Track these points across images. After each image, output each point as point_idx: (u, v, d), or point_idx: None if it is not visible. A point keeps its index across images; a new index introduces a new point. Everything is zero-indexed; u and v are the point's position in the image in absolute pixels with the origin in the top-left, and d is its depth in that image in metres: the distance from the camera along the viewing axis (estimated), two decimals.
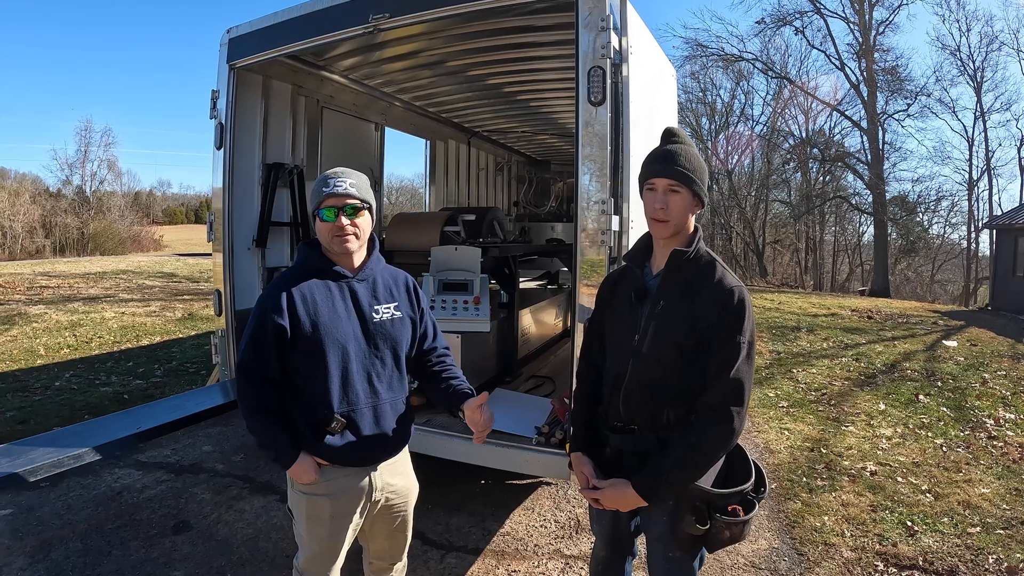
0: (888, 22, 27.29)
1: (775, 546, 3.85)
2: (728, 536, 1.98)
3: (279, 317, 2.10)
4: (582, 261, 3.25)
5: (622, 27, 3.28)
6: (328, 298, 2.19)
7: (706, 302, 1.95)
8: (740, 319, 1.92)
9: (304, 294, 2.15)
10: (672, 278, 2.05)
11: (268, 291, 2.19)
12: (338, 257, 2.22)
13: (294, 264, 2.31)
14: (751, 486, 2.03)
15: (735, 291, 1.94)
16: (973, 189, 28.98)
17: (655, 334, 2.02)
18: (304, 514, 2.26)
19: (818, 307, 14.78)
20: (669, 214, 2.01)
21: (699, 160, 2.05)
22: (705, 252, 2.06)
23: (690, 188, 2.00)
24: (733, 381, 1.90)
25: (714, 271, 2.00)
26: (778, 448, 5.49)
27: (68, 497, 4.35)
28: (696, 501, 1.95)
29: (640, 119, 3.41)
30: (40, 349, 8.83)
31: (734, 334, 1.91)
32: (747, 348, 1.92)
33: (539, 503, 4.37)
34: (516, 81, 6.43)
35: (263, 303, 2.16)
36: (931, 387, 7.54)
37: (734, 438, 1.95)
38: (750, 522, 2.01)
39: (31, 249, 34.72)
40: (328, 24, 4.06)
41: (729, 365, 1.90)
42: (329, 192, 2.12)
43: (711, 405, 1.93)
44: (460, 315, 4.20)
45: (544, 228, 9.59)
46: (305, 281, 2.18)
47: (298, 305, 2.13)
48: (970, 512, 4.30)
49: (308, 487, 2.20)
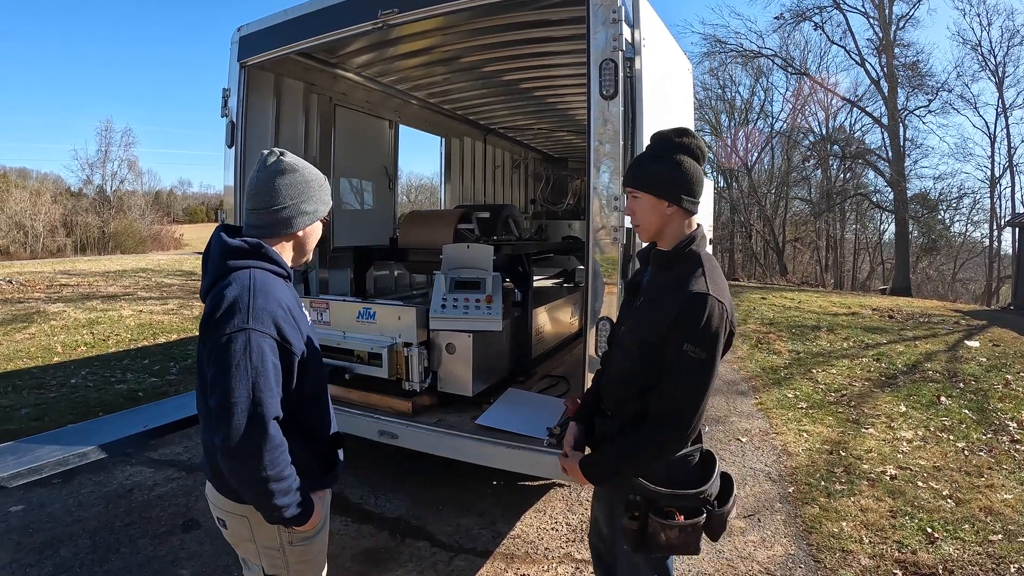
0: (908, 17, 26.91)
1: (791, 552, 3.78)
2: (664, 539, 1.93)
3: (286, 340, 1.84)
4: (594, 258, 3.19)
5: (634, 19, 3.21)
6: (297, 304, 2.01)
7: (667, 304, 1.93)
8: (693, 328, 1.85)
9: (288, 303, 1.91)
10: (655, 277, 2.11)
11: (253, 309, 1.78)
12: (298, 258, 2.09)
13: (255, 267, 1.88)
14: (698, 492, 1.98)
15: (695, 298, 1.88)
16: (995, 186, 28.50)
17: (630, 328, 2.10)
18: (302, 561, 2.05)
19: (838, 306, 14.58)
20: (637, 219, 2.10)
21: (664, 162, 2.01)
22: (691, 254, 2.03)
23: (649, 193, 2.03)
24: (674, 392, 1.90)
25: (688, 275, 1.95)
26: (796, 451, 5.39)
27: (79, 494, 4.36)
28: (632, 495, 1.98)
29: (654, 113, 3.34)
30: (57, 347, 8.90)
31: (683, 342, 1.86)
32: (697, 360, 1.85)
33: (551, 505, 4.32)
34: (532, 77, 6.37)
35: (256, 326, 1.77)
36: (953, 388, 7.39)
37: (669, 446, 1.96)
38: (693, 531, 1.95)
39: (52, 248, 35.12)
40: (338, 20, 4.02)
41: (672, 375, 1.89)
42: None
43: (651, 410, 1.94)
44: (472, 314, 4.14)
45: (561, 226, 9.56)
46: (278, 287, 1.90)
47: (295, 319, 1.91)
48: (992, 519, 4.19)
49: (313, 528, 1.98)
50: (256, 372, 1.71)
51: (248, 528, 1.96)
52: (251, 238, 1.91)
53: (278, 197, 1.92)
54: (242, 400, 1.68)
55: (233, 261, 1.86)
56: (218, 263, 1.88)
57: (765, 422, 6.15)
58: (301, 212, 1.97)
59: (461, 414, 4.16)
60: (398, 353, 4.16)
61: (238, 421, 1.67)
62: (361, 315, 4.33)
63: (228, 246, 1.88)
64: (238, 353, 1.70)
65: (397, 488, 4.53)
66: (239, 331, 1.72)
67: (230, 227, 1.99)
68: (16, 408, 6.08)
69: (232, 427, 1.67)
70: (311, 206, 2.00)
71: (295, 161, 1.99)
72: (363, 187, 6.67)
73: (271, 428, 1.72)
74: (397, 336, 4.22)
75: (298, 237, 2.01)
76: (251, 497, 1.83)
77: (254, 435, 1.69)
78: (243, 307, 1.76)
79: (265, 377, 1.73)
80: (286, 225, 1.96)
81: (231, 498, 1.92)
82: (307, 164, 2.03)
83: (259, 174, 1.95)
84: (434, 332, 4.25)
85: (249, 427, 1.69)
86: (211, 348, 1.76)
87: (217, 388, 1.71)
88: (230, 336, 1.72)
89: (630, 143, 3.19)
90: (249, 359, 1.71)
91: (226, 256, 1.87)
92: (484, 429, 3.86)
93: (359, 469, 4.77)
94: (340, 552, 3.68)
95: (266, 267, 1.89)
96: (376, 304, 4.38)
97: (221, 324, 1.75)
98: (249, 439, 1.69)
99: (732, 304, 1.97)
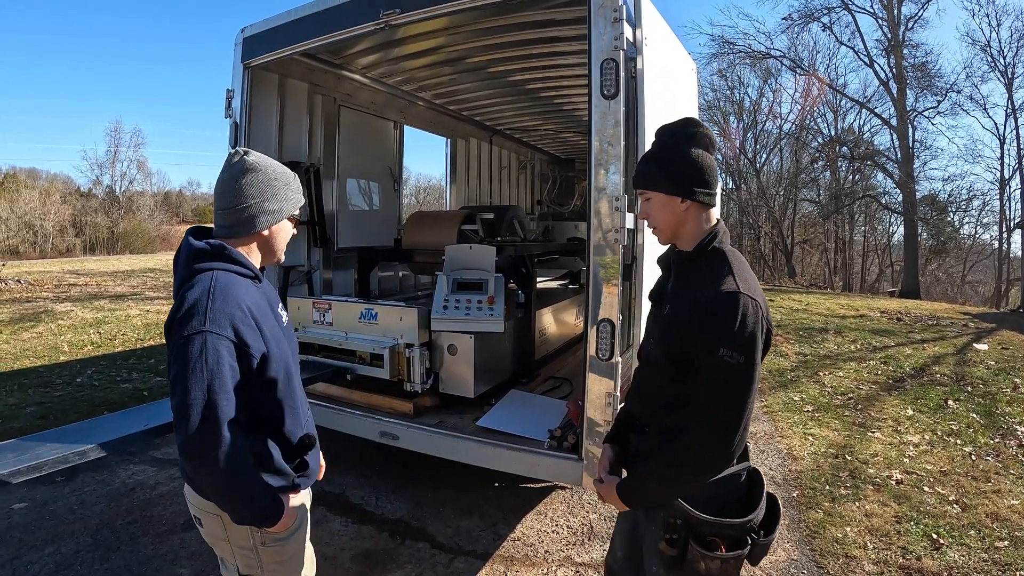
0: (917, 17, 26.65)
1: (794, 558, 3.74)
2: (704, 569, 1.79)
3: (244, 343, 1.81)
4: (595, 259, 3.16)
5: (636, 18, 3.20)
6: (266, 304, 1.99)
7: (694, 308, 1.80)
8: (727, 331, 1.70)
9: (251, 305, 1.87)
10: (680, 282, 1.97)
11: (211, 312, 1.75)
12: (267, 258, 2.05)
13: (218, 269, 1.87)
14: (744, 522, 1.82)
15: (726, 297, 1.74)
16: (1005, 188, 28.21)
17: (658, 339, 1.95)
18: (276, 562, 2.03)
19: (847, 308, 14.50)
20: (652, 221, 1.98)
21: (672, 156, 1.91)
22: (715, 251, 1.89)
23: (659, 191, 1.93)
24: (712, 402, 1.75)
25: (715, 274, 1.82)
26: (801, 454, 5.35)
27: (82, 492, 4.38)
28: (673, 519, 1.83)
29: (656, 113, 3.31)
30: (64, 346, 8.95)
31: (716, 348, 1.70)
32: (735, 365, 1.70)
33: (552, 508, 4.30)
34: (538, 77, 6.35)
35: (213, 329, 1.75)
36: (961, 392, 7.32)
37: (713, 463, 1.80)
38: (735, 562, 1.81)
39: (61, 248, 35.28)
40: (340, 21, 4.02)
41: (710, 384, 1.75)
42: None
43: (690, 424, 1.78)
44: (473, 315, 4.13)
45: (567, 227, 9.54)
46: (241, 288, 1.88)
47: (257, 321, 1.87)
48: (998, 525, 4.14)
49: (286, 530, 1.99)
50: (211, 374, 1.70)
51: (222, 527, 1.96)
52: (215, 240, 1.90)
53: (240, 196, 1.89)
54: (197, 402, 1.68)
55: (197, 264, 1.86)
56: (184, 265, 1.89)
57: (770, 425, 6.12)
58: (264, 211, 1.93)
59: (462, 415, 4.15)
60: (400, 354, 4.15)
61: (193, 422, 1.67)
62: (363, 316, 4.33)
63: (193, 248, 1.88)
64: (194, 355, 1.70)
65: (398, 489, 4.52)
66: (196, 333, 1.71)
67: (200, 229, 1.99)
68: (22, 406, 6.11)
69: (188, 428, 1.68)
70: (275, 204, 1.96)
71: (259, 159, 1.95)
72: (367, 188, 6.67)
73: (224, 430, 1.71)
74: (399, 337, 4.21)
75: (263, 236, 1.98)
76: (214, 497, 1.86)
77: (209, 437, 1.69)
78: (201, 310, 1.74)
79: (220, 379, 1.71)
80: (250, 224, 1.93)
81: (206, 497, 1.92)
82: (272, 162, 1.99)
83: (223, 174, 1.93)
84: (436, 333, 4.25)
85: (203, 428, 1.68)
86: (171, 349, 1.76)
87: (176, 389, 1.70)
88: (187, 338, 1.71)
89: (632, 143, 3.17)
90: (205, 361, 1.70)
91: (191, 259, 1.87)
92: (485, 431, 3.85)
93: (360, 470, 4.77)
94: (340, 553, 3.68)
95: (229, 268, 1.87)
96: (378, 305, 4.38)
97: (180, 326, 1.74)
98: (204, 440, 1.69)
99: (766, 301, 1.81)
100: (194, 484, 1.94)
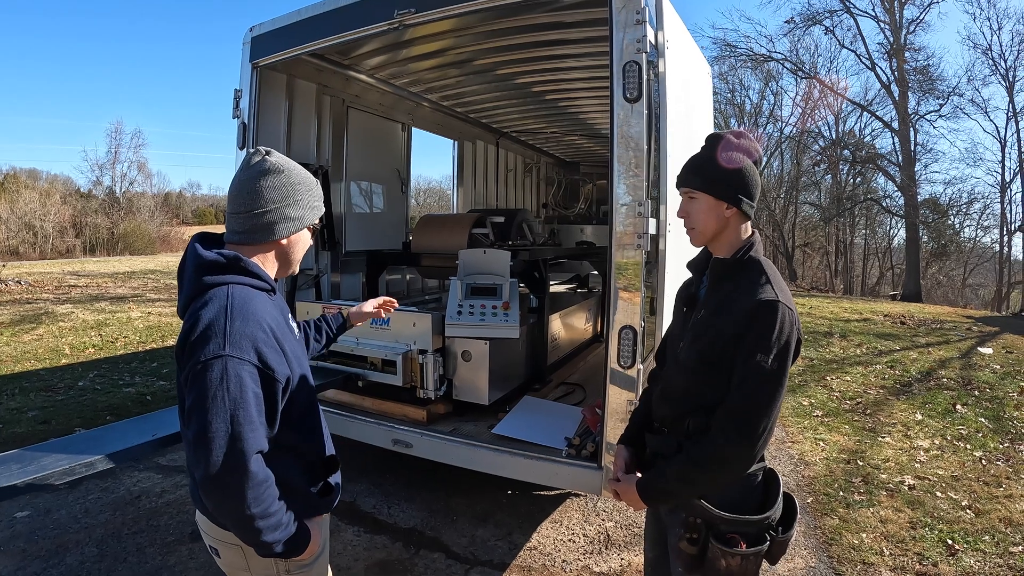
0: (919, 21, 26.71)
1: (812, 565, 3.70)
2: (724, 567, 1.83)
3: (268, 367, 1.66)
4: (616, 264, 3.11)
5: (658, 21, 3.15)
6: (283, 320, 1.85)
7: (734, 315, 1.84)
8: (764, 337, 1.76)
9: (272, 323, 1.72)
10: (715, 288, 1.98)
11: (231, 334, 1.60)
12: (282, 270, 1.92)
13: (234, 283, 1.71)
14: (763, 519, 1.87)
15: (766, 306, 1.79)
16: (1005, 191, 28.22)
17: (690, 343, 1.96)
18: None
19: (850, 312, 14.48)
20: (692, 222, 2.00)
21: (728, 162, 1.93)
22: (752, 261, 1.94)
23: (708, 193, 1.94)
24: (743, 404, 1.79)
25: (754, 283, 1.87)
26: (813, 460, 5.30)
27: (86, 500, 4.31)
28: (693, 517, 1.89)
29: (677, 117, 3.28)
30: (65, 348, 8.87)
31: (755, 352, 1.76)
32: (769, 371, 1.76)
33: (568, 516, 4.24)
34: (545, 80, 6.31)
35: (234, 353, 1.59)
36: (968, 396, 7.29)
37: (737, 463, 1.83)
38: (754, 559, 1.85)
39: (61, 248, 35.23)
40: (352, 21, 3.96)
41: (742, 387, 1.79)
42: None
43: (719, 424, 1.82)
44: (488, 321, 4.07)
45: (573, 230, 9.52)
46: (260, 304, 1.72)
47: (279, 341, 1.74)
48: (1012, 530, 4.12)
49: (310, 557, 1.84)
50: (235, 404, 1.54)
51: (243, 557, 1.81)
52: (228, 250, 1.73)
53: (260, 200, 1.73)
54: (220, 435, 1.52)
55: (209, 277, 1.68)
56: (193, 279, 1.70)
57: (781, 430, 6.06)
58: (285, 217, 1.78)
59: (477, 423, 4.10)
60: (413, 360, 4.09)
61: (216, 457, 1.51)
62: (375, 321, 4.26)
63: (203, 260, 1.70)
64: (214, 383, 1.53)
65: (411, 497, 4.45)
66: (215, 358, 1.54)
67: (207, 235, 1.83)
68: (23, 411, 6.04)
69: (210, 463, 1.51)
70: (297, 211, 1.81)
71: (282, 161, 1.80)
72: (375, 190, 6.61)
73: (252, 464, 1.56)
74: (412, 343, 4.15)
75: (282, 246, 1.83)
76: (238, 533, 1.68)
77: (234, 473, 1.54)
78: (219, 331, 1.58)
79: (245, 409, 1.56)
80: (268, 231, 1.77)
81: (224, 527, 1.77)
82: (296, 165, 1.85)
83: (241, 174, 1.77)
84: (449, 339, 4.19)
85: (228, 463, 1.52)
86: (187, 375, 1.59)
87: (194, 419, 1.55)
88: (205, 364, 1.54)
89: (655, 147, 3.12)
90: (227, 389, 1.54)
91: (201, 271, 1.69)
92: (501, 439, 3.79)
93: (373, 477, 4.71)
94: (354, 564, 3.61)
95: (246, 282, 1.71)
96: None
97: (196, 350, 1.57)
98: (228, 476, 1.53)
99: (797, 312, 1.88)
100: (212, 517, 1.79)
